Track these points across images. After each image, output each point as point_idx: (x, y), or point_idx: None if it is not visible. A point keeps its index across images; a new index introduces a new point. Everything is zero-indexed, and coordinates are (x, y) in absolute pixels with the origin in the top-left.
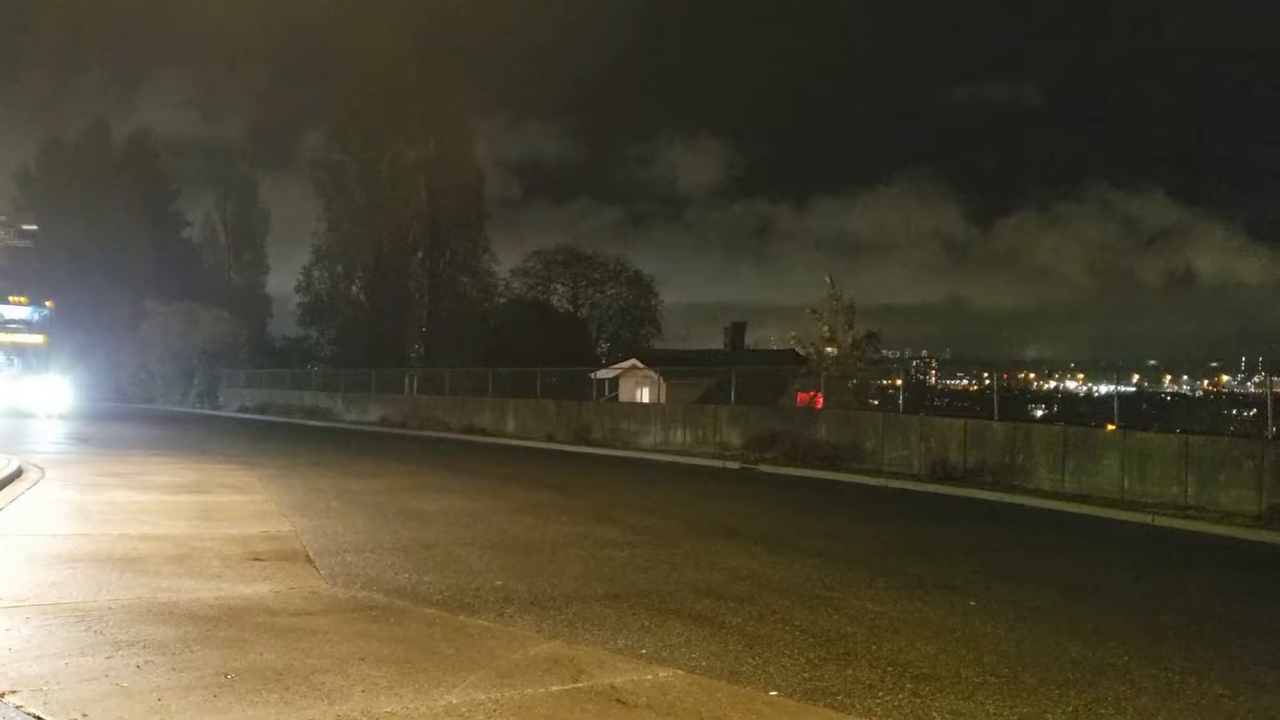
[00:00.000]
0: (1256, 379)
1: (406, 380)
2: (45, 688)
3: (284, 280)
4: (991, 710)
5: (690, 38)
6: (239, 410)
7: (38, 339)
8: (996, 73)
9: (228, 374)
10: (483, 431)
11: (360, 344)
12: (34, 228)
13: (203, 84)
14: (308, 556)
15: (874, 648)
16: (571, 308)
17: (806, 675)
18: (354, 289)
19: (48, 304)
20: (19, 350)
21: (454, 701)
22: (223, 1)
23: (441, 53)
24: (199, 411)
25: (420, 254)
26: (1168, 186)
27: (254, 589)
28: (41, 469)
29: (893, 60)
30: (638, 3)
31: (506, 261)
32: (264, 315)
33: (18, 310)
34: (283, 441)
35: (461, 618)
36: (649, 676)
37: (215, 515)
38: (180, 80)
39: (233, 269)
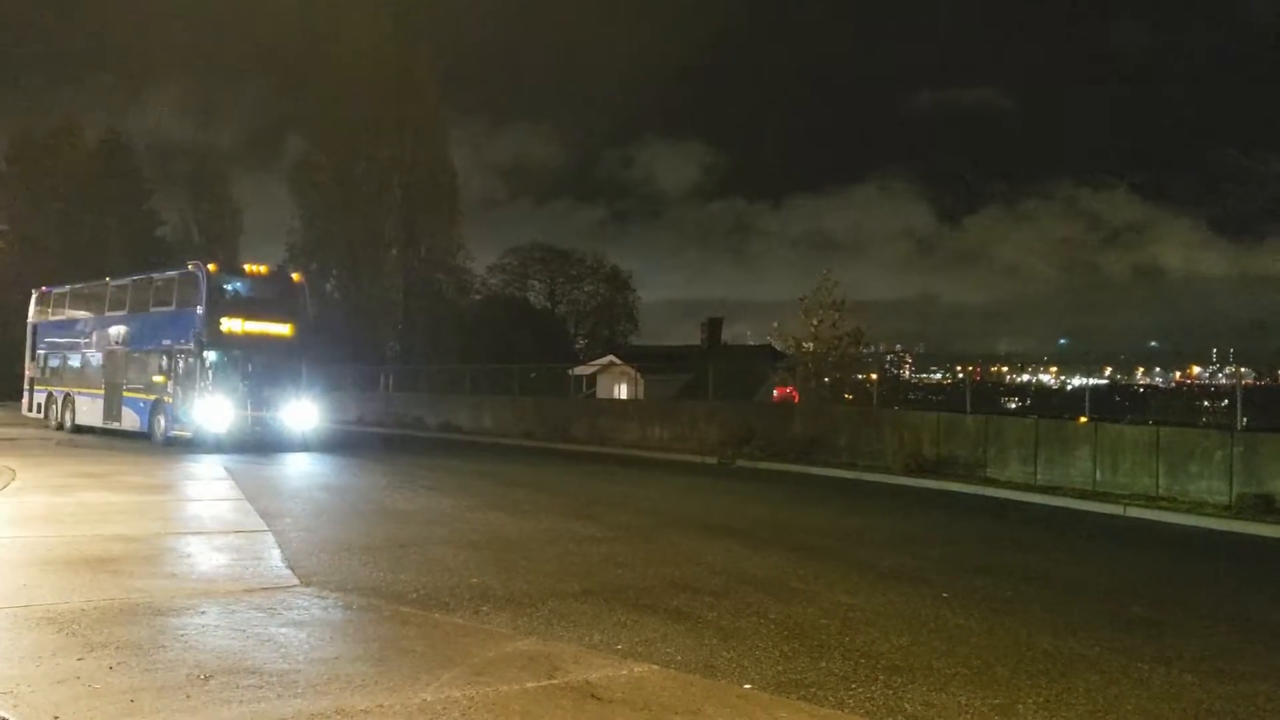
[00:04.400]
0: (1227, 371)
1: (382, 378)
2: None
3: None
4: (963, 701)
5: (669, 41)
6: None
7: (283, 329)
8: (965, 76)
9: None
10: (460, 429)
11: (336, 342)
12: (4, 228)
13: (188, 88)
14: (281, 555)
15: (847, 640)
16: (549, 304)
17: (780, 668)
18: (328, 287)
19: (296, 276)
20: (258, 346)
21: (429, 699)
22: (206, 8)
23: (418, 52)
24: None
25: (395, 251)
26: (1131, 183)
27: (226, 588)
28: None
29: (866, 64)
30: (618, 7)
31: (489, 260)
32: None
33: (257, 284)
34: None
35: (437, 616)
36: (624, 672)
37: (188, 515)
38: (168, 85)
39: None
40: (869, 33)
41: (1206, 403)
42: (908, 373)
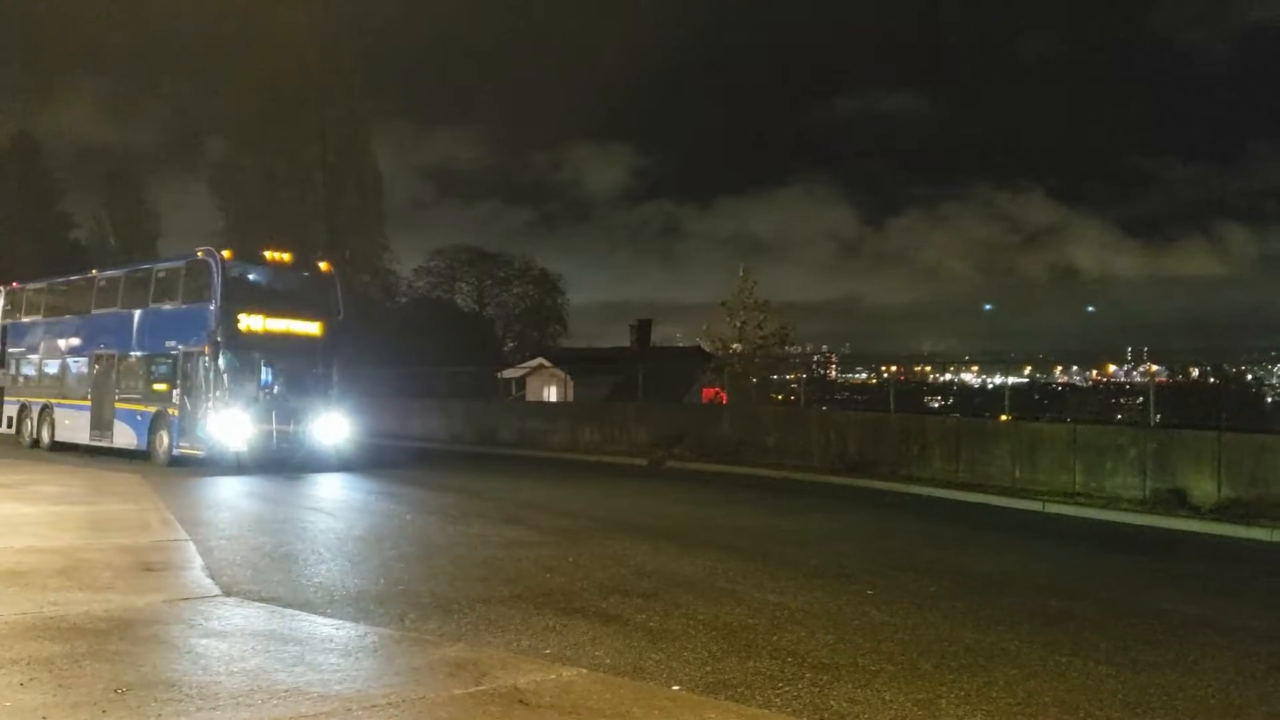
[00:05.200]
0: (1141, 369)
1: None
2: None
3: None
4: (888, 697)
5: (595, 43)
6: None
7: (311, 327)
8: (884, 82)
9: None
10: (387, 434)
11: None
12: None
13: (103, 89)
14: (201, 565)
15: (774, 639)
16: (477, 307)
17: (709, 669)
18: None
19: (324, 265)
20: (282, 348)
21: (353, 708)
22: (122, 6)
23: (341, 53)
24: None
25: (318, 253)
26: (1046, 187)
27: (146, 599)
28: None
29: (788, 70)
30: (543, 9)
31: (416, 263)
32: None
33: (280, 274)
34: None
35: (363, 624)
36: (553, 676)
37: (106, 525)
38: (82, 85)
39: None
40: (790, 37)
41: (1122, 400)
42: (834, 373)
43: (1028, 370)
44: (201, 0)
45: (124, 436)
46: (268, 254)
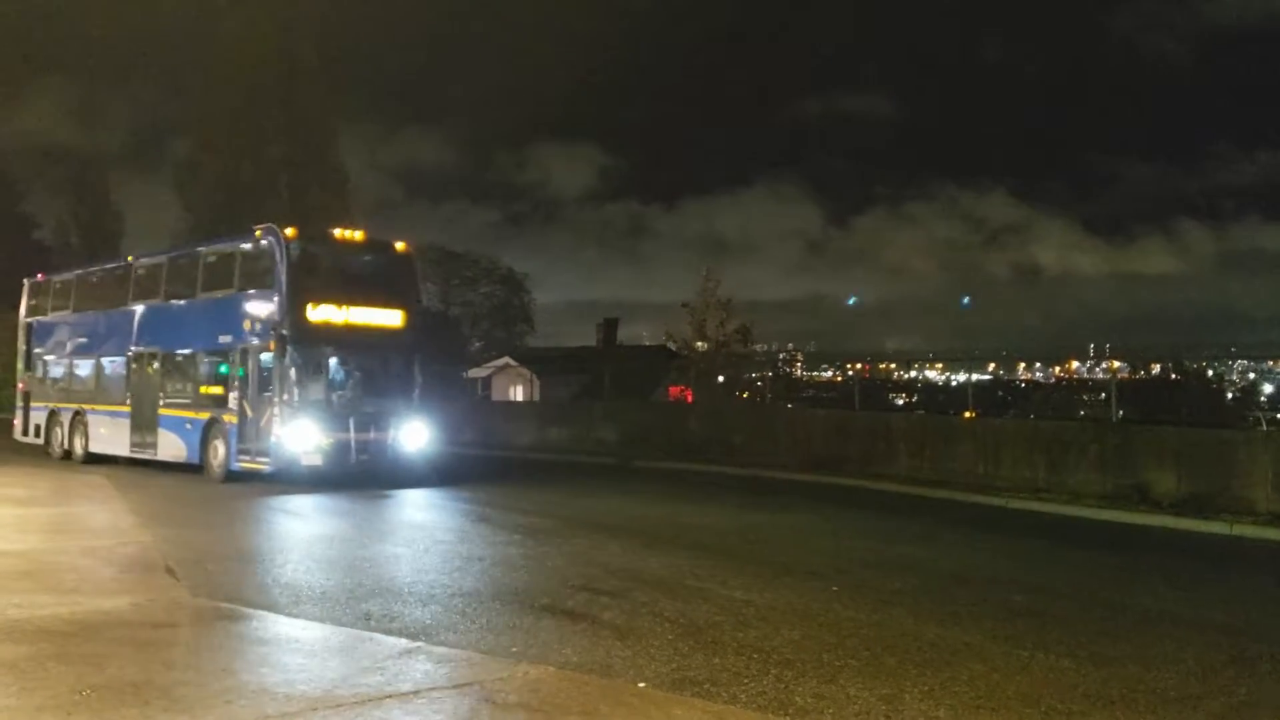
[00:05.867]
0: (1104, 365)
1: None
2: None
3: None
4: (852, 693)
5: (562, 46)
6: None
7: (392, 318)
8: (848, 84)
9: None
10: None
11: None
12: None
13: (66, 89)
14: (168, 567)
15: (740, 635)
16: (442, 306)
17: (675, 665)
18: None
19: (401, 245)
20: (359, 342)
21: (320, 708)
22: (85, 6)
23: (306, 53)
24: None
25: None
26: (1008, 186)
27: (113, 602)
28: None
29: (754, 72)
30: (510, 12)
31: None
32: None
33: (353, 256)
34: None
35: (328, 625)
36: (520, 674)
37: (70, 528)
38: (44, 85)
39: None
40: (756, 40)
41: (1085, 396)
42: (800, 371)
43: (992, 367)
44: (166, 1)
45: (171, 447)
46: (337, 232)
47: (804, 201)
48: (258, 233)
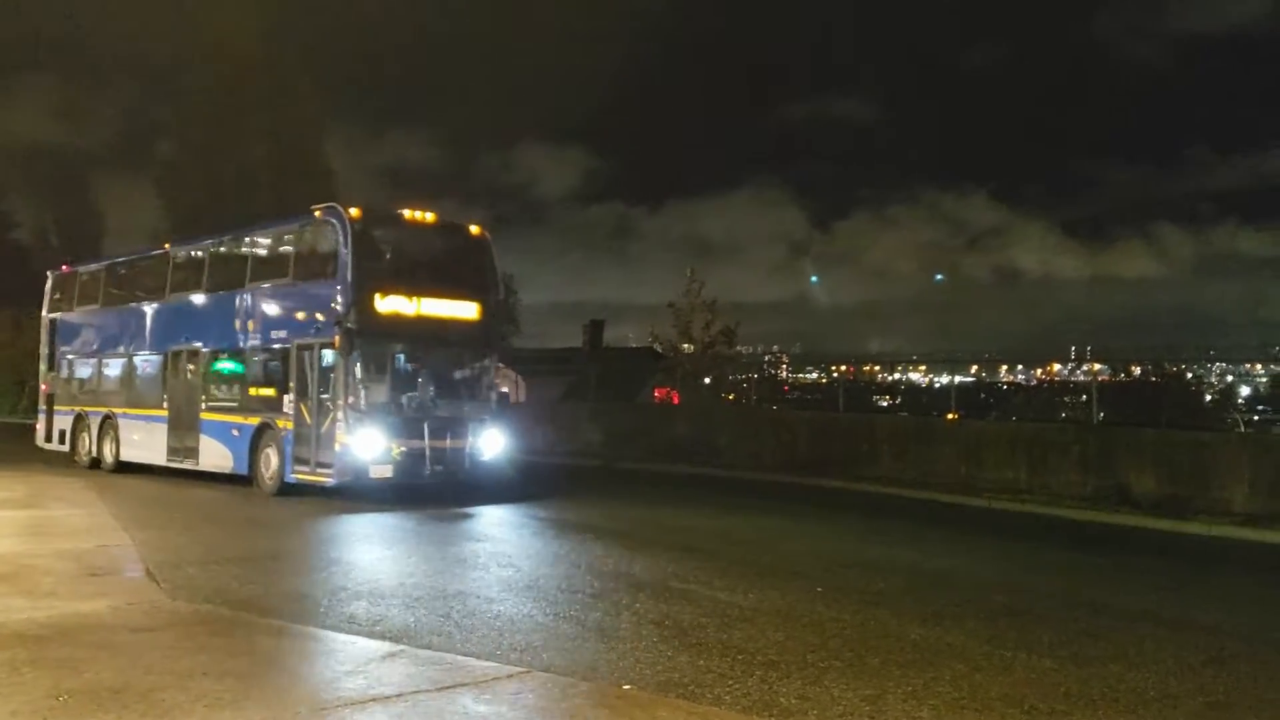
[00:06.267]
0: (1085, 367)
1: None
2: None
3: None
4: (836, 694)
5: (548, 46)
6: None
7: (468, 310)
8: (833, 88)
9: None
10: None
11: None
12: None
13: (49, 89)
14: (148, 570)
15: (725, 637)
16: None
17: (660, 667)
18: None
19: (475, 229)
20: (432, 337)
21: (302, 712)
22: (77, 10)
23: (289, 53)
24: (32, 422)
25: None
26: (989, 190)
27: (90, 605)
28: None
29: (739, 75)
30: (496, 10)
31: None
32: None
33: (424, 240)
34: None
35: (310, 627)
36: (504, 676)
37: (47, 530)
38: (26, 84)
39: None
40: (742, 43)
41: (1066, 398)
42: (784, 373)
43: (974, 369)
44: (149, 1)
45: (214, 456)
46: (406, 212)
47: (789, 204)
48: (317, 213)
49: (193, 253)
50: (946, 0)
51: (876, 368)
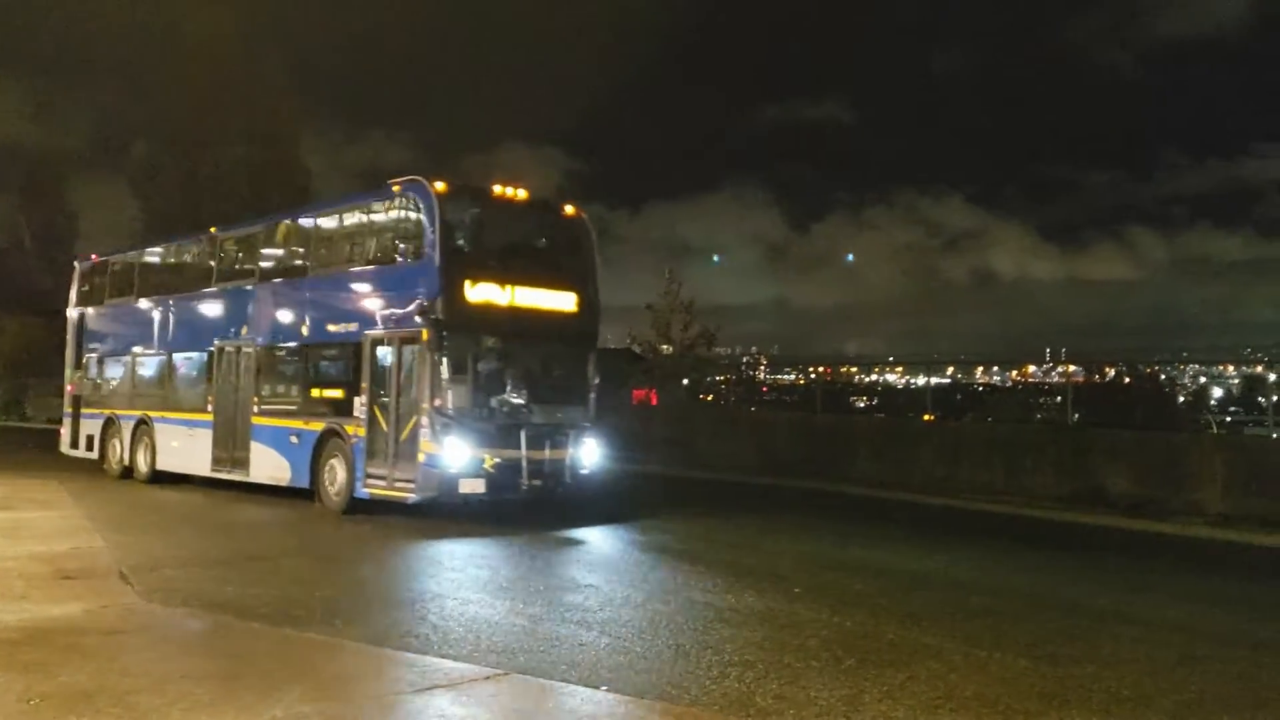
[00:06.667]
0: (1060, 369)
1: None
2: None
3: None
4: (813, 694)
5: (526, 48)
6: (49, 422)
7: (565, 301)
8: (810, 92)
9: (38, 384)
10: None
11: None
12: None
13: (21, 88)
14: (122, 573)
15: (703, 638)
16: None
17: (638, 669)
18: None
19: (570, 208)
20: (530, 332)
21: (279, 715)
22: (52, 9)
23: (267, 53)
24: (3, 424)
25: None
26: (965, 193)
27: (64, 609)
28: None
29: (719, 78)
30: (474, 13)
31: None
32: None
33: (515, 220)
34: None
35: (288, 630)
36: (480, 679)
37: (19, 532)
38: (4, 85)
39: (40, 273)
40: (720, 47)
41: (1042, 400)
42: (763, 374)
43: (950, 371)
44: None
45: (268, 466)
46: (496, 189)
47: (767, 207)
48: (395, 187)
49: (243, 237)
50: (923, 4)
51: (854, 369)
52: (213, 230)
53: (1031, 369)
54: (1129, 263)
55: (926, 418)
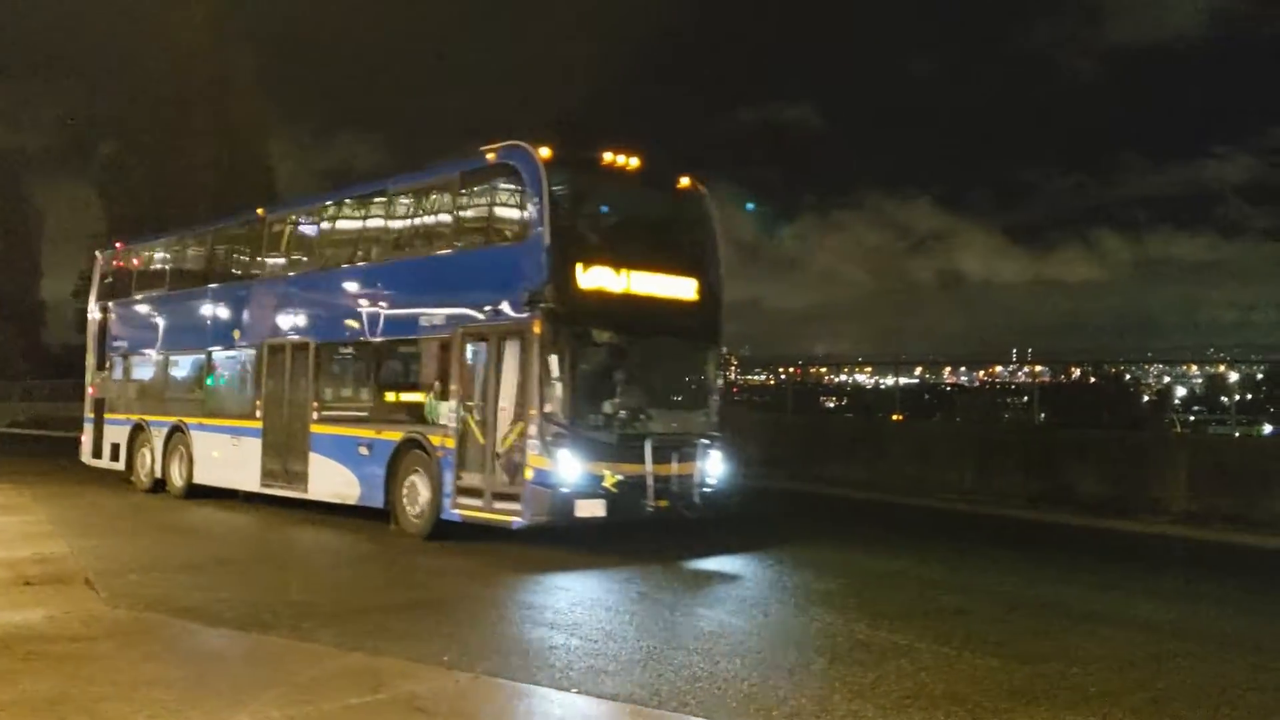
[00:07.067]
0: (1026, 370)
1: None
2: None
3: (63, 285)
4: (783, 694)
5: (496, 51)
6: (9, 425)
7: (686, 287)
8: (780, 95)
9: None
10: None
11: None
12: None
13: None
14: (87, 579)
15: (672, 641)
16: None
17: (608, 672)
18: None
19: (684, 180)
20: (649, 326)
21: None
22: (18, 8)
23: (236, 54)
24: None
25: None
26: (933, 195)
27: (25, 615)
28: None
29: (688, 81)
30: (443, 17)
31: None
32: (38, 322)
33: (628, 191)
34: (63, 456)
35: (256, 635)
36: (450, 683)
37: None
38: None
39: (2, 274)
40: (690, 50)
41: (1009, 400)
42: (734, 374)
43: (919, 371)
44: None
45: (332, 481)
46: (607, 156)
47: (737, 207)
48: (490, 155)
49: (298, 218)
50: (891, 10)
51: (824, 370)
52: (260, 211)
53: (998, 369)
54: (1093, 264)
55: (896, 418)
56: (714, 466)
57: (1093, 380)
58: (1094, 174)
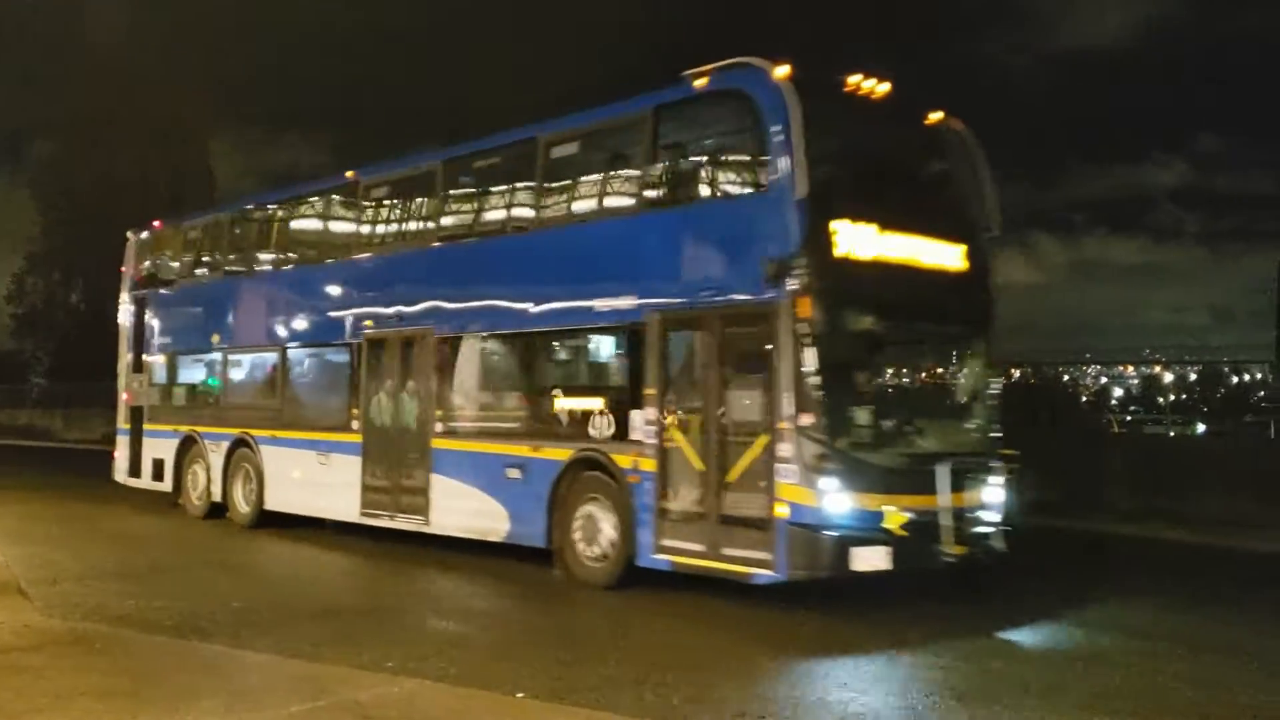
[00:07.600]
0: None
1: None
2: None
3: None
4: (729, 695)
5: (449, 48)
6: None
7: (952, 255)
8: None
9: None
10: None
11: (82, 357)
12: None
13: None
14: (19, 587)
15: (624, 644)
16: None
17: (556, 675)
18: (73, 298)
19: (937, 111)
20: (913, 304)
21: None
22: None
23: (184, 54)
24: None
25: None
26: None
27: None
28: None
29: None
30: (400, 19)
31: None
32: None
33: (879, 129)
34: (39, 467)
35: (195, 643)
36: (396, 689)
37: None
38: None
39: None
40: (665, 52)
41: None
42: None
43: None
44: None
45: (465, 510)
46: (852, 80)
47: None
48: (701, 80)
49: (413, 177)
50: (836, 16)
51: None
52: (351, 174)
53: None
54: (1032, 267)
55: None
56: (1001, 497)
57: (1032, 382)
58: (1032, 178)
